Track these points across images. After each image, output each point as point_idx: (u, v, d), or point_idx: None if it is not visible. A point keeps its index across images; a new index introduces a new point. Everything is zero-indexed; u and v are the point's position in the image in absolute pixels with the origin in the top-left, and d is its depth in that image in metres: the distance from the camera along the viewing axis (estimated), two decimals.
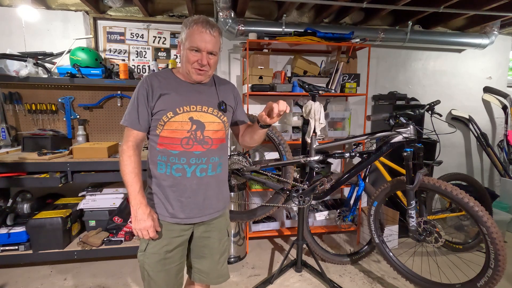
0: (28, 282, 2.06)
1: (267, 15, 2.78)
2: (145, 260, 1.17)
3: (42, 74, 2.22)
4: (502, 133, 3.28)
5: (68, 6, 2.47)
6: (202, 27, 1.09)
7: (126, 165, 1.11)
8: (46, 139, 2.23)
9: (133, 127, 1.13)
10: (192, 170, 1.15)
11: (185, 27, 1.12)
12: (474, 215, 1.58)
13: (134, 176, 1.11)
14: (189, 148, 1.14)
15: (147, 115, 1.14)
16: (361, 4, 2.34)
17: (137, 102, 1.13)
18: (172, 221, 1.17)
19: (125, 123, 1.14)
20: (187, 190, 1.16)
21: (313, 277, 2.16)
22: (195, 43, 1.09)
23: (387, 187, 1.98)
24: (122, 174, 1.12)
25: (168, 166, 1.15)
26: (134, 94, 1.15)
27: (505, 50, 3.27)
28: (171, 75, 1.20)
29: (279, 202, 2.09)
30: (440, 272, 2.14)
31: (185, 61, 1.14)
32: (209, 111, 1.18)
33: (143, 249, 1.18)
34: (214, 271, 1.30)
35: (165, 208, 1.17)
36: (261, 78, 2.46)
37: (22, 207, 2.15)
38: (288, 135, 2.55)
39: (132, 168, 1.11)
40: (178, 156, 1.14)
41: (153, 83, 1.14)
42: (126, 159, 1.11)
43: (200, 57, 1.11)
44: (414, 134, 1.74)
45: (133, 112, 1.13)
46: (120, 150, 1.14)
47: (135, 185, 1.10)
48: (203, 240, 1.26)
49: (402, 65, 3.10)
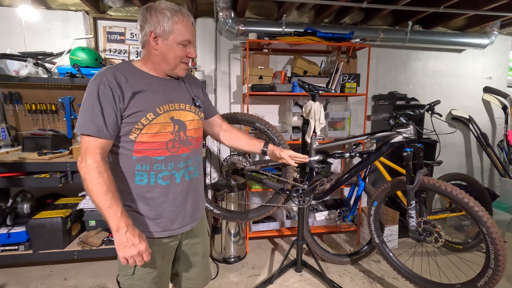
0: (28, 282, 2.06)
1: (267, 15, 2.78)
2: (134, 283, 1.03)
3: (42, 74, 2.21)
4: (502, 133, 3.28)
5: (68, 6, 2.47)
6: (187, 17, 0.99)
7: (98, 184, 0.88)
8: (46, 139, 2.23)
9: (99, 135, 0.91)
10: (181, 174, 1.05)
11: (161, 16, 0.96)
12: (474, 215, 1.57)
13: (111, 196, 0.89)
14: (176, 151, 1.03)
15: (115, 119, 0.94)
16: (361, 4, 2.34)
17: (100, 104, 0.91)
18: (164, 235, 1.04)
19: (86, 131, 0.90)
20: (178, 198, 1.05)
21: (313, 277, 2.16)
22: (185, 36, 0.99)
23: (387, 187, 1.97)
24: (93, 196, 0.89)
25: (151, 175, 1.00)
26: (90, 94, 0.92)
27: (505, 50, 3.27)
28: (135, 69, 1.02)
29: (279, 202, 2.09)
30: (440, 272, 2.14)
31: (171, 56, 1.00)
32: (187, 108, 1.07)
33: (129, 273, 1.02)
34: (201, 275, 1.26)
35: (153, 222, 1.03)
36: (261, 78, 2.46)
37: (22, 207, 2.15)
38: (288, 135, 2.55)
39: (108, 186, 0.89)
40: (165, 162, 1.01)
41: (118, 79, 0.95)
42: (97, 177, 0.88)
43: (189, 51, 1.02)
44: (414, 134, 1.74)
45: (97, 116, 0.91)
46: (84, 166, 0.90)
47: (115, 206, 0.89)
48: (191, 248, 1.18)
49: (402, 65, 3.10)
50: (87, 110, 0.92)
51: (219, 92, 2.78)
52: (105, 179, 0.90)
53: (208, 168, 2.75)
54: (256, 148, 1.35)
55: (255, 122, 2.02)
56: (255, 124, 2.02)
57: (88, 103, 0.92)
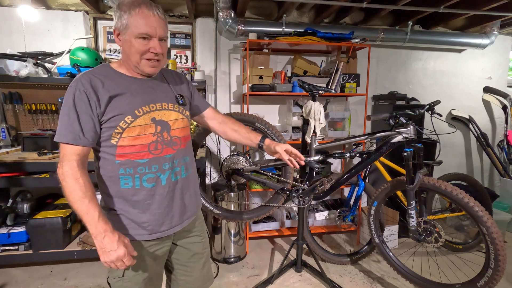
0: (28, 282, 2.06)
1: (267, 15, 2.78)
2: (125, 285, 1.02)
3: (42, 74, 2.22)
4: (502, 133, 3.28)
5: (68, 6, 2.47)
6: (147, 10, 0.93)
7: (74, 190, 0.89)
8: (46, 139, 2.23)
9: (77, 143, 0.90)
10: (167, 176, 1.02)
11: (121, 11, 0.93)
12: (474, 215, 1.57)
13: (88, 201, 0.89)
14: (159, 153, 1.00)
15: (93, 125, 0.92)
16: (361, 4, 2.34)
17: (76, 111, 0.90)
18: (152, 237, 1.03)
19: (63, 140, 0.90)
20: (164, 199, 1.03)
21: (313, 277, 2.16)
22: (143, 29, 0.92)
23: (387, 187, 1.97)
24: (71, 203, 0.89)
25: (136, 178, 0.98)
26: (66, 102, 0.91)
27: (505, 50, 3.27)
28: (113, 72, 1.00)
29: (279, 202, 2.09)
30: (440, 272, 2.14)
31: (132, 52, 0.95)
32: (169, 107, 1.04)
33: (119, 275, 1.01)
34: (200, 278, 1.23)
35: (141, 226, 1.01)
36: (261, 78, 2.46)
37: (22, 207, 2.15)
38: (288, 135, 2.55)
39: (83, 192, 0.89)
40: (149, 165, 0.99)
41: (94, 85, 0.92)
42: (73, 183, 0.89)
43: (152, 45, 0.95)
44: (414, 134, 1.74)
45: (73, 124, 0.90)
46: (60, 173, 0.90)
47: (92, 212, 0.88)
48: (185, 249, 1.17)
49: (402, 65, 3.10)
50: (63, 118, 0.91)
51: (219, 92, 2.78)
52: (80, 185, 0.89)
53: (208, 168, 2.75)
54: (253, 142, 1.29)
55: (255, 122, 2.02)
56: (255, 124, 2.02)
57: (64, 111, 0.91)
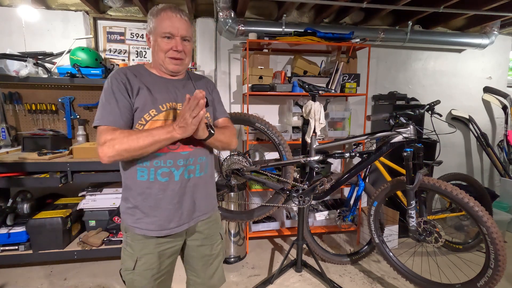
0: (28, 282, 2.06)
1: (267, 15, 2.78)
2: (135, 278, 1.07)
3: (42, 74, 2.21)
4: (502, 133, 3.28)
5: (68, 6, 2.47)
6: (171, 12, 1.03)
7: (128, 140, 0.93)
8: (46, 139, 2.23)
9: (116, 125, 0.97)
10: (180, 172, 1.05)
11: (152, 16, 1.05)
12: (474, 215, 1.58)
13: (140, 132, 0.95)
14: (176, 148, 1.04)
15: (130, 111, 1.01)
16: (361, 4, 2.34)
17: (115, 98, 0.98)
18: (162, 234, 1.06)
19: (104, 122, 0.97)
20: (176, 196, 1.06)
21: (313, 277, 2.16)
22: (166, 29, 1.02)
23: (387, 187, 1.97)
24: (139, 145, 0.93)
25: (151, 171, 1.02)
26: (106, 90, 1.00)
27: (505, 50, 3.27)
28: (145, 70, 1.09)
29: (279, 202, 2.09)
30: (440, 272, 2.14)
31: (157, 51, 1.05)
32: None
33: (130, 267, 1.06)
34: (209, 280, 1.24)
35: (152, 221, 1.05)
36: (261, 78, 2.46)
37: (22, 207, 2.15)
38: (288, 135, 2.55)
39: (129, 133, 0.95)
40: (164, 159, 1.02)
41: (128, 77, 1.02)
42: (121, 137, 0.93)
43: (174, 44, 1.03)
44: (414, 134, 1.74)
45: (113, 109, 0.97)
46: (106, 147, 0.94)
47: (149, 131, 0.95)
48: (196, 250, 1.19)
49: (402, 65, 3.10)
50: (104, 104, 0.99)
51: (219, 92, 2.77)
52: (124, 133, 0.95)
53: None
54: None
55: (255, 122, 2.02)
56: (255, 124, 2.03)
57: (105, 98, 1.00)
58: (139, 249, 1.07)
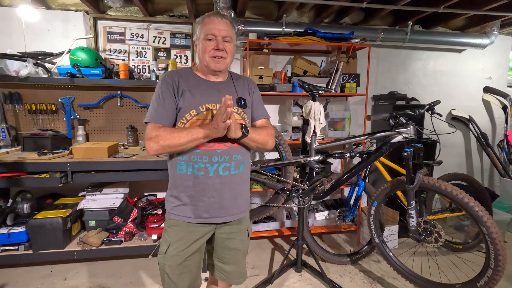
0: (28, 282, 2.06)
1: (267, 15, 2.78)
2: (166, 262, 1.17)
3: (42, 74, 2.21)
4: (502, 133, 3.28)
5: (68, 6, 2.47)
6: (214, 16, 1.14)
7: (171, 134, 1.05)
8: (46, 139, 2.22)
9: (162, 123, 1.11)
10: (215, 168, 1.13)
11: (198, 24, 1.18)
12: (474, 215, 1.58)
13: (182, 130, 1.07)
14: (211, 146, 1.12)
15: (174, 111, 1.13)
16: (361, 4, 2.34)
17: (162, 98, 1.12)
18: (196, 221, 1.15)
19: (152, 120, 1.11)
20: (209, 190, 1.14)
21: (313, 277, 2.16)
22: (209, 31, 1.12)
23: (387, 187, 1.98)
24: (181, 141, 1.05)
25: (189, 165, 1.13)
26: (157, 90, 1.15)
27: (505, 50, 3.27)
28: (191, 73, 1.21)
29: (279, 202, 2.09)
30: (440, 272, 2.14)
31: (201, 53, 1.15)
32: None
33: (163, 251, 1.17)
34: (236, 272, 1.30)
35: (188, 209, 1.15)
36: (261, 78, 2.46)
37: (22, 207, 2.14)
38: (288, 135, 2.55)
39: (171, 129, 1.07)
40: (200, 155, 1.12)
41: (176, 79, 1.15)
42: (166, 133, 1.06)
43: (215, 44, 1.13)
44: (414, 134, 1.74)
45: (160, 108, 1.11)
46: (153, 143, 1.06)
47: (189, 129, 1.06)
48: (226, 242, 1.24)
49: (402, 65, 3.10)
50: (154, 102, 1.13)
51: None
52: (167, 130, 1.07)
53: None
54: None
55: None
56: None
57: (155, 97, 1.14)
58: (173, 235, 1.17)
